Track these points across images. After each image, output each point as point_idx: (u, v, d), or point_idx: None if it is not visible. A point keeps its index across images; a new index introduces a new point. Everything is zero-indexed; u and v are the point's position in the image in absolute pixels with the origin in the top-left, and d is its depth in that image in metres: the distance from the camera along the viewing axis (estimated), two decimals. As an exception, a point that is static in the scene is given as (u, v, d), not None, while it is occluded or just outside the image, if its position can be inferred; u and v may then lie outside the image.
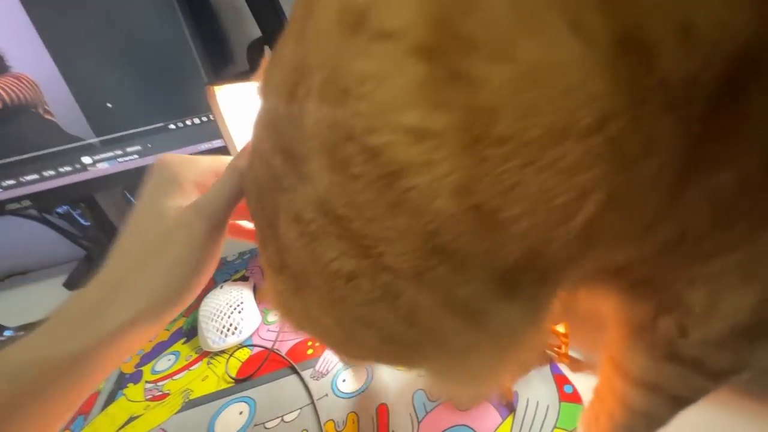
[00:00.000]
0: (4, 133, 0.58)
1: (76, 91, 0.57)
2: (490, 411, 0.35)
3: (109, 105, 0.58)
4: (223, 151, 0.62)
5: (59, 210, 0.68)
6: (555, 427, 0.33)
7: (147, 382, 0.46)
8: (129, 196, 0.70)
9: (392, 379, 0.40)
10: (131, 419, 0.42)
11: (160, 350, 0.51)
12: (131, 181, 0.67)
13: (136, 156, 0.62)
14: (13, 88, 0.56)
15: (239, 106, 0.42)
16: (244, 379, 0.44)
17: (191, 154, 0.61)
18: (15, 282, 0.75)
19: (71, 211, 0.69)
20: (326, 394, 0.40)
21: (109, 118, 0.59)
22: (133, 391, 0.45)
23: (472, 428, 0.34)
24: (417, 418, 0.36)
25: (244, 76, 0.40)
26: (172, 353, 0.50)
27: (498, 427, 0.34)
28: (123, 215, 0.79)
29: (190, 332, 0.52)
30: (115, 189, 0.71)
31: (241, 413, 0.40)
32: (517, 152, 0.13)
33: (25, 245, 0.77)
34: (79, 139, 0.60)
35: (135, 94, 0.58)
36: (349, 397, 0.39)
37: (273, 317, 0.52)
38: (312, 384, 0.41)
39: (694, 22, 0.12)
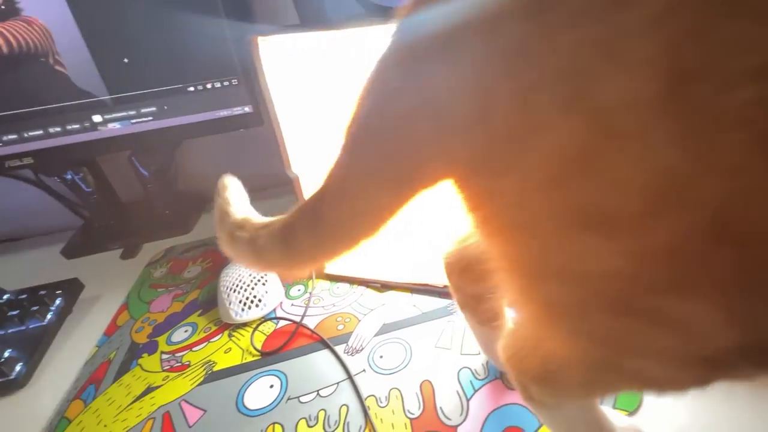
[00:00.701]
0: (9, 82, 0.53)
1: (91, 42, 0.53)
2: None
3: (125, 60, 0.55)
4: (247, 118, 0.59)
5: (66, 176, 0.63)
6: (614, 406, 0.32)
7: (163, 352, 0.43)
8: (136, 163, 0.66)
9: (434, 358, 0.38)
10: (149, 389, 0.39)
11: (175, 321, 0.48)
12: (141, 145, 0.64)
13: (150, 118, 0.59)
14: (22, 33, 0.51)
15: (285, 61, 0.39)
16: (271, 353, 0.41)
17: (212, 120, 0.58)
18: (8, 248, 0.70)
19: (73, 176, 0.65)
20: (363, 370, 0.38)
21: (124, 75, 0.55)
22: (148, 361, 0.42)
23: (526, 406, 0.32)
24: (465, 395, 0.34)
25: (293, 28, 0.37)
26: (189, 324, 0.47)
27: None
28: (128, 184, 0.74)
29: (206, 304, 0.49)
30: (123, 153, 0.66)
31: (272, 386, 0.38)
32: None
33: (18, 211, 0.72)
34: (91, 95, 0.56)
35: (154, 51, 0.55)
36: (388, 374, 0.37)
37: (296, 292, 0.49)
38: (346, 360, 0.39)
39: None
